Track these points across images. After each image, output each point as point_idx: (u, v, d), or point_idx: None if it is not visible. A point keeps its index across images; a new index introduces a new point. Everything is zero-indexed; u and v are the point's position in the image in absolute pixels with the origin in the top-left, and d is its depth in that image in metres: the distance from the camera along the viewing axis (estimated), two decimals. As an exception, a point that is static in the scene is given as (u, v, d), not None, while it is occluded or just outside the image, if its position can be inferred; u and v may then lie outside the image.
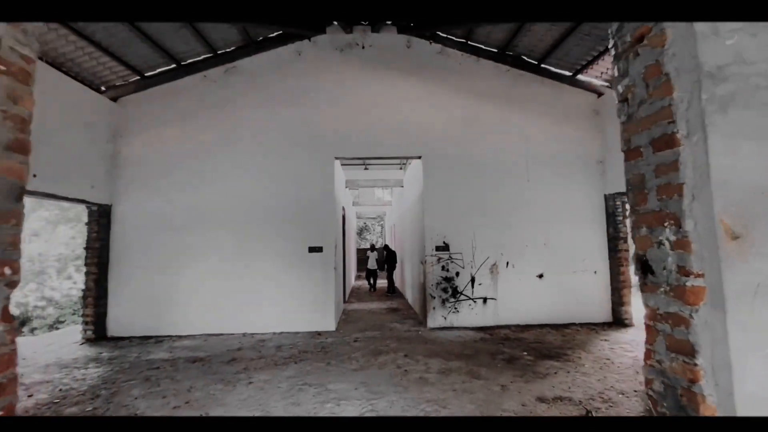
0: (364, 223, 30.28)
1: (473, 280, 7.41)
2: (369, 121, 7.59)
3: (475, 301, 7.39)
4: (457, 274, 7.42)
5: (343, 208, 10.58)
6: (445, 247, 7.45)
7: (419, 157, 7.75)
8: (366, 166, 13.74)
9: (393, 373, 4.74)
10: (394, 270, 13.25)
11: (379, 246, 24.00)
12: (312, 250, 7.32)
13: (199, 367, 5.16)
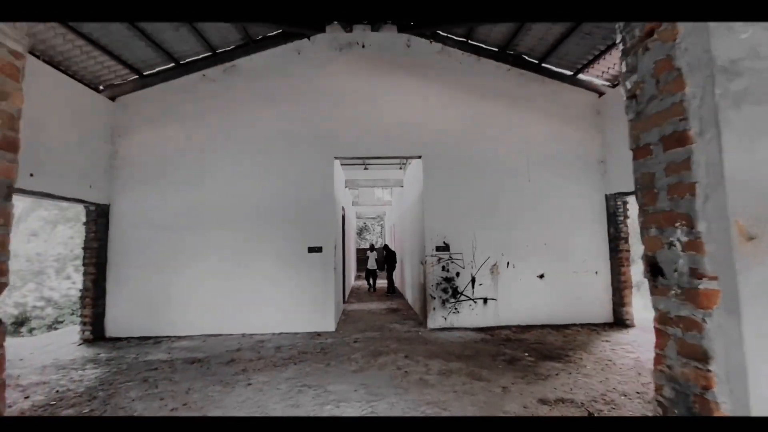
0: (364, 223, 30.23)
1: (474, 281, 7.37)
2: (369, 120, 7.54)
3: (475, 302, 7.34)
4: (458, 274, 7.37)
5: (343, 208, 10.53)
6: (445, 247, 7.40)
7: (419, 156, 7.70)
8: (366, 166, 13.69)
9: (393, 374, 4.70)
10: (394, 270, 13.21)
11: (379, 246, 23.95)
12: (311, 250, 7.28)
13: (198, 368, 5.12)
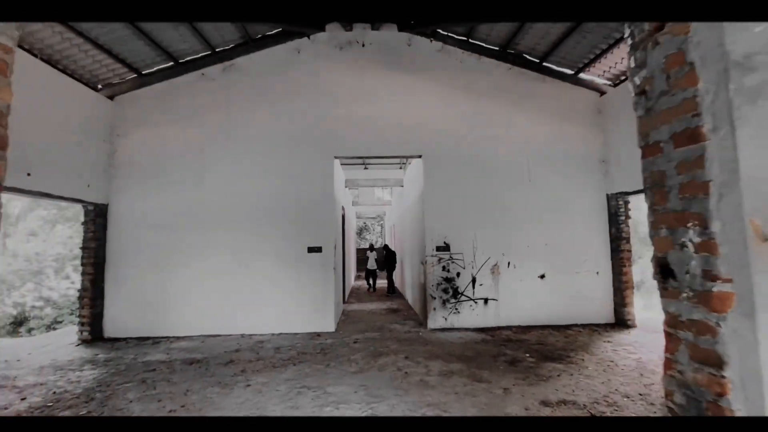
0: (364, 222, 30.18)
1: (474, 281, 7.32)
2: (369, 119, 7.49)
3: (476, 302, 7.30)
4: (458, 274, 7.33)
5: (343, 208, 10.49)
6: (445, 247, 7.36)
7: (420, 156, 7.66)
8: (366, 166, 13.66)
9: (393, 375, 4.66)
10: (394, 270, 13.16)
11: (379, 246, 23.90)
12: (311, 250, 7.23)
13: (196, 369, 5.07)
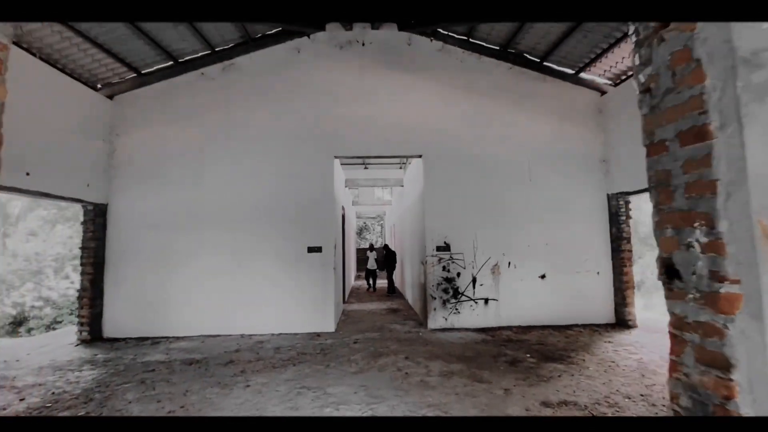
0: (364, 222, 30.16)
1: (474, 281, 7.30)
2: (369, 119, 7.47)
3: (476, 302, 7.28)
4: (458, 274, 7.31)
5: (343, 208, 10.46)
6: (446, 247, 7.34)
7: (420, 155, 7.63)
8: (366, 166, 13.64)
9: (393, 376, 4.63)
10: (394, 270, 13.14)
11: (379, 246, 23.88)
12: (311, 250, 7.21)
13: (196, 369, 5.05)
